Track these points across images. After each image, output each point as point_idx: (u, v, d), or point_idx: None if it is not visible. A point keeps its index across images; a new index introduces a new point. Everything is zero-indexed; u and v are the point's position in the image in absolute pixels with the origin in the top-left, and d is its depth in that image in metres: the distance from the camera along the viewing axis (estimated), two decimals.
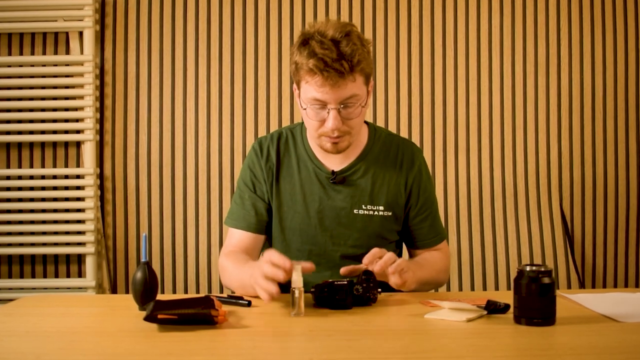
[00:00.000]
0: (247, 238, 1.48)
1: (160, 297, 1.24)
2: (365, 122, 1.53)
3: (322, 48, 1.28)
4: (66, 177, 2.39)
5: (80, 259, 2.40)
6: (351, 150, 1.46)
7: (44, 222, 2.37)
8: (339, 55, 1.28)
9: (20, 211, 2.37)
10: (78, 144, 2.40)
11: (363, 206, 1.45)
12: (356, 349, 1.00)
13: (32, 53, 2.39)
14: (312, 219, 1.45)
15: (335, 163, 1.46)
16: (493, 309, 1.18)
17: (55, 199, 2.38)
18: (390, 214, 1.46)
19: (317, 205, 1.45)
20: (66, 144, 2.40)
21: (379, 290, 1.26)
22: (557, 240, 2.38)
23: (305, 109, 1.35)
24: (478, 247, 2.39)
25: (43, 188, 2.38)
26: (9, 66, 2.37)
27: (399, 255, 1.58)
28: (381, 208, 1.46)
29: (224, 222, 1.52)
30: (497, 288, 2.37)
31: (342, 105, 1.33)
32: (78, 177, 2.38)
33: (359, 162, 1.47)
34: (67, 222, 2.36)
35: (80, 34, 2.36)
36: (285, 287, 1.30)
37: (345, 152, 1.45)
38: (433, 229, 1.52)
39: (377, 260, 1.26)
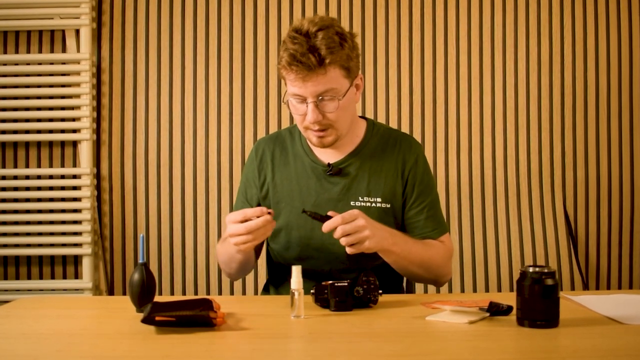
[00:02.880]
0: None
1: (158, 298, 1.23)
2: (365, 117, 1.54)
3: (292, 43, 1.33)
4: (62, 177, 2.37)
5: (76, 260, 2.38)
6: (347, 144, 1.47)
7: (40, 222, 2.36)
8: (308, 49, 1.32)
9: (16, 212, 2.36)
10: (74, 144, 2.38)
11: (360, 197, 1.46)
12: (357, 352, 0.99)
13: (28, 51, 2.38)
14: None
15: (331, 156, 1.48)
16: (495, 310, 1.17)
17: (51, 199, 2.37)
18: (388, 206, 1.46)
19: (313, 199, 1.46)
20: (62, 144, 2.39)
21: (380, 292, 1.26)
22: (560, 241, 2.37)
23: (285, 102, 1.41)
24: (480, 247, 2.38)
25: (39, 188, 2.36)
26: (5, 64, 2.35)
27: None
28: (379, 200, 1.46)
29: None
30: (499, 289, 2.36)
31: (319, 98, 1.36)
32: (74, 177, 2.36)
33: (354, 156, 1.48)
34: (63, 222, 2.35)
35: (77, 31, 2.35)
36: (285, 288, 1.28)
37: (341, 146, 1.47)
38: (430, 221, 1.48)
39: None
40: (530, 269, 1.10)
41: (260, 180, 1.51)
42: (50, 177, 2.37)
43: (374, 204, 1.45)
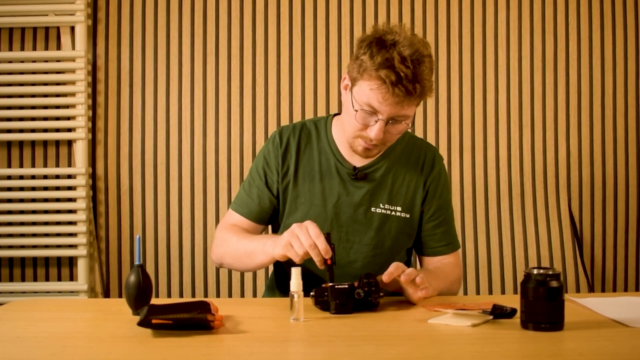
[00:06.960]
0: (245, 224, 1.49)
1: (154, 301, 1.22)
2: None
3: (401, 62, 1.27)
4: (57, 177, 2.35)
5: (71, 261, 2.36)
6: None
7: (34, 223, 2.34)
8: (414, 77, 1.28)
9: (9, 212, 2.33)
10: (69, 143, 2.36)
11: (381, 204, 1.46)
12: (357, 355, 0.98)
13: (22, 49, 2.36)
14: (328, 213, 1.45)
15: (358, 159, 1.47)
16: (499, 313, 1.16)
17: (46, 200, 2.34)
18: (408, 216, 1.47)
19: (334, 200, 1.45)
20: (57, 143, 2.37)
21: (381, 294, 1.24)
22: (565, 242, 2.35)
23: (356, 110, 1.34)
24: (484, 249, 2.36)
25: (33, 188, 2.34)
26: None
27: (407, 262, 1.57)
28: (399, 209, 1.46)
29: (230, 206, 1.53)
30: (503, 292, 2.35)
31: (391, 120, 1.33)
32: (69, 177, 2.34)
33: (381, 160, 1.48)
34: (58, 223, 2.33)
35: (72, 28, 2.33)
36: (284, 290, 1.27)
37: None
38: (445, 236, 1.51)
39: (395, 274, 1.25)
40: (535, 271, 1.09)
41: (283, 169, 1.47)
42: (45, 177, 2.35)
43: (393, 213, 1.46)
